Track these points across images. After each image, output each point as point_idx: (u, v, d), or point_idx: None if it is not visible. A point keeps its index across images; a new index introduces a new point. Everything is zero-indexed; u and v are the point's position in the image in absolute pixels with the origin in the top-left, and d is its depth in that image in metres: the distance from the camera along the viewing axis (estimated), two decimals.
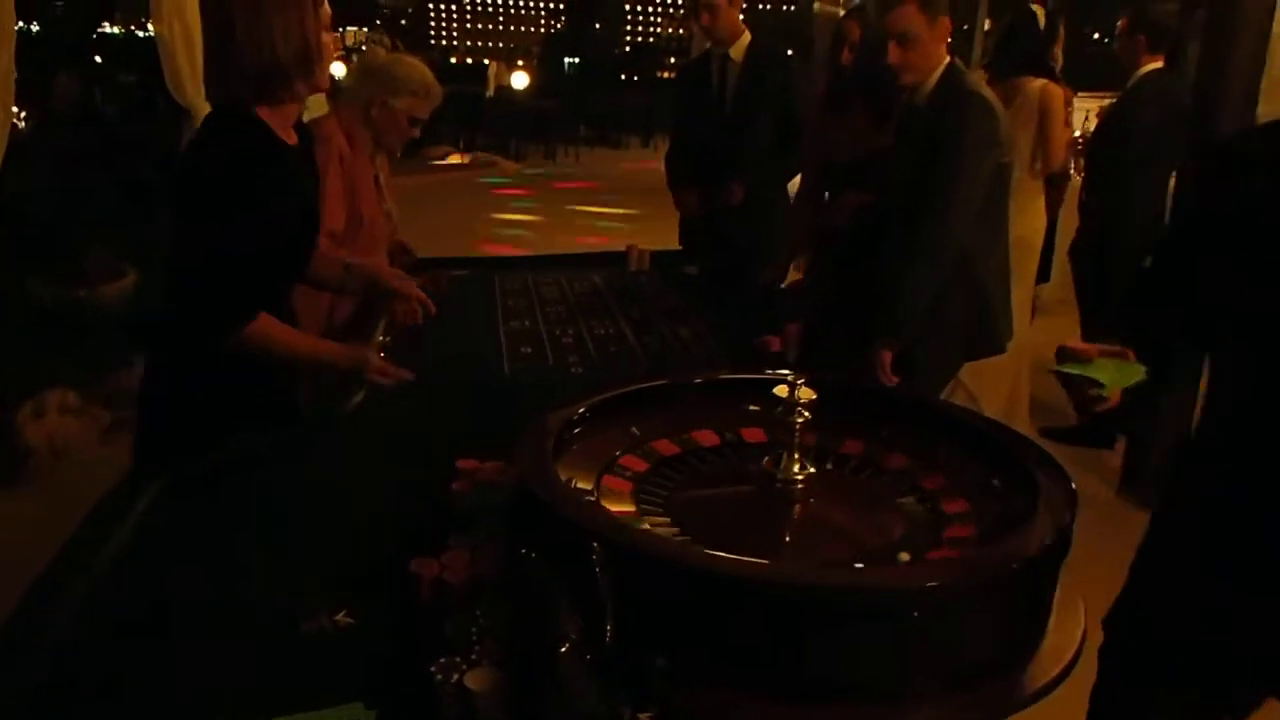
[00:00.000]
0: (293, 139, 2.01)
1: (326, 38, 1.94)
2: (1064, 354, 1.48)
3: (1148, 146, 4.12)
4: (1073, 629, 1.30)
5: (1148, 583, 1.62)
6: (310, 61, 1.90)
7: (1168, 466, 1.59)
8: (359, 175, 2.69)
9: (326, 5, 1.97)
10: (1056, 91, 4.10)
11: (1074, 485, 1.36)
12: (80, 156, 6.58)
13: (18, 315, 4.54)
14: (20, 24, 3.31)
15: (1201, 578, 1.50)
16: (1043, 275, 4.58)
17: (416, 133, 2.79)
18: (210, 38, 1.91)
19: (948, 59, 2.60)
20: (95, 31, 18.10)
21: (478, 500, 1.51)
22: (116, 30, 22.25)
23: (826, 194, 3.10)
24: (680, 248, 3.80)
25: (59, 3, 17.91)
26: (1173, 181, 4.05)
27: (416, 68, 2.75)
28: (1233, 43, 3.43)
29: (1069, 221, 4.93)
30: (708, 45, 3.77)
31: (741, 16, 3.67)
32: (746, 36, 3.57)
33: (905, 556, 1.30)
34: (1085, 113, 7.62)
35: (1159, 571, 1.60)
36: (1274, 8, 3.34)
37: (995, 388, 4.01)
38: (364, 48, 2.81)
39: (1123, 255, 4.27)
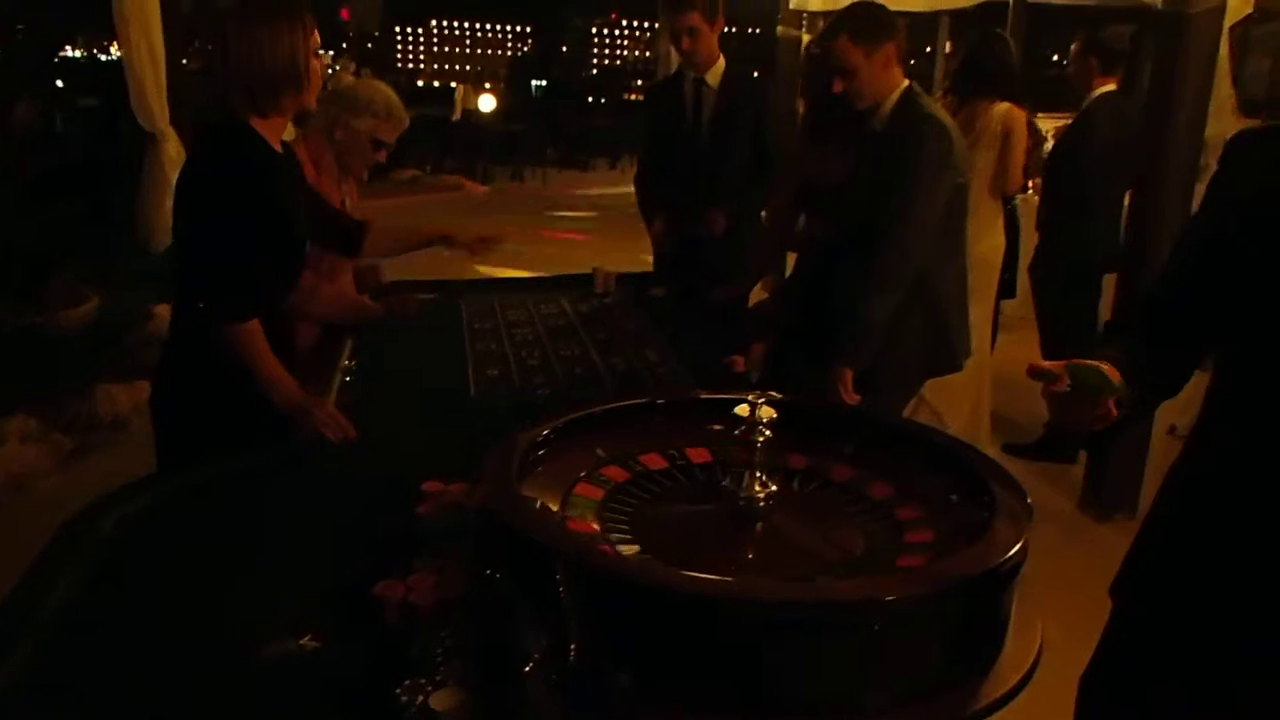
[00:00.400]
0: (279, 149, 2.17)
1: (315, 62, 2.10)
2: (1035, 372, 1.45)
3: (1103, 166, 4.21)
4: (1030, 640, 1.32)
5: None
6: (298, 79, 2.07)
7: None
8: (325, 200, 2.69)
9: (316, 34, 2.11)
10: (1020, 115, 4.18)
11: (1030, 499, 1.39)
12: (40, 181, 6.52)
13: None
14: None
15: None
16: (1007, 292, 4.64)
17: (382, 157, 2.80)
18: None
19: (905, 83, 2.65)
20: (57, 55, 17.94)
21: (443, 522, 1.52)
22: (79, 54, 22.07)
23: (802, 218, 3.14)
24: (653, 269, 3.78)
25: (20, 26, 17.75)
26: (1128, 199, 4.14)
27: (380, 90, 2.77)
28: (1182, 66, 3.51)
29: (1031, 238, 5.02)
30: (676, 68, 3.74)
31: None
32: (722, 62, 3.54)
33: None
34: (1044, 133, 7.75)
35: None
36: (1221, 32, 3.43)
37: (958, 404, 4.06)
38: (330, 72, 2.82)
39: (1080, 272, 4.36)
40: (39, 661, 1.29)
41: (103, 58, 19.97)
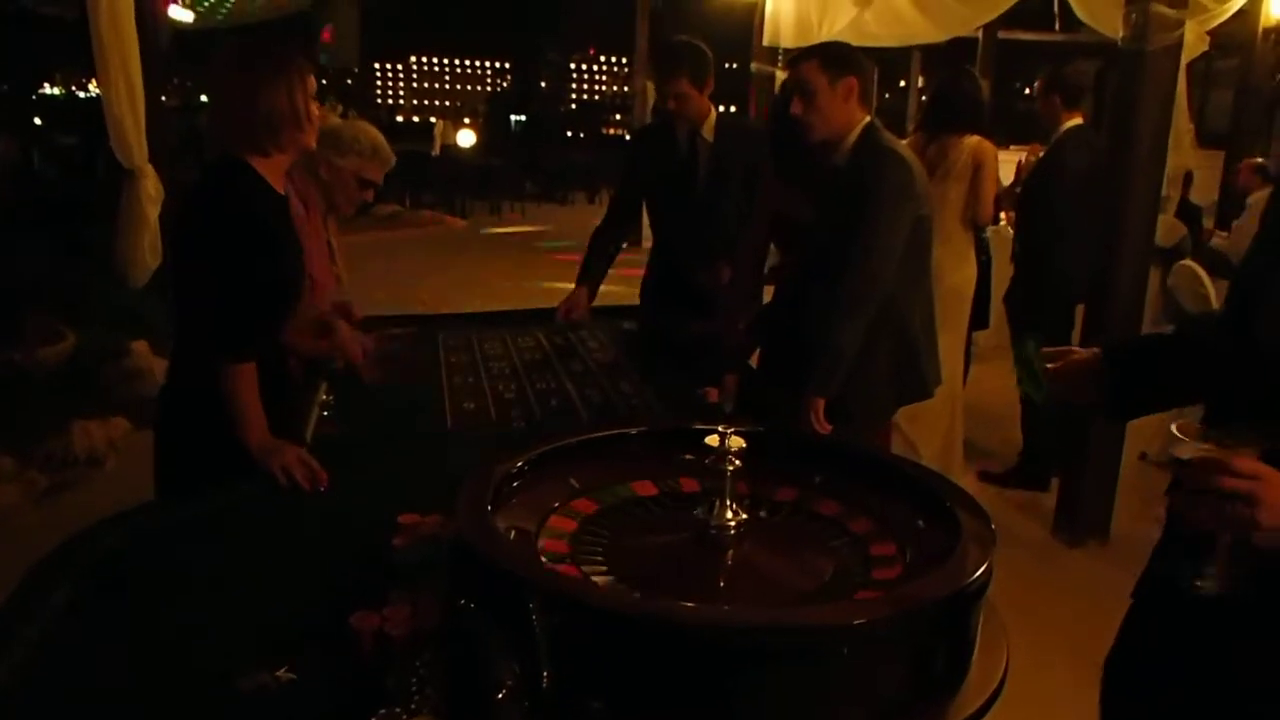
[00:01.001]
0: (281, 189, 2.23)
1: (313, 105, 2.18)
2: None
3: (1074, 198, 4.30)
4: (996, 662, 1.35)
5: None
6: (296, 120, 2.14)
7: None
8: (311, 238, 2.71)
9: (313, 79, 2.19)
10: (989, 147, 4.27)
11: (994, 524, 1.42)
12: (17, 218, 6.51)
13: None
14: None
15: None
16: (980, 323, 4.71)
17: (369, 195, 2.82)
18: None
19: (867, 119, 2.70)
20: (35, 93, 17.94)
21: (419, 554, 1.53)
22: (57, 91, 22.06)
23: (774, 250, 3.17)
24: (640, 303, 3.76)
25: None
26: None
27: (365, 130, 2.80)
28: (1141, 101, 3.60)
29: (1005, 270, 5.10)
30: (652, 110, 3.68)
31: None
32: (714, 114, 3.50)
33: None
34: (1015, 165, 7.89)
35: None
36: (1178, 68, 3.52)
37: (931, 432, 4.11)
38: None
39: (1053, 302, 4.43)
40: (12, 691, 1.30)
41: (81, 95, 19.97)
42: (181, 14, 9.34)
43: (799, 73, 2.66)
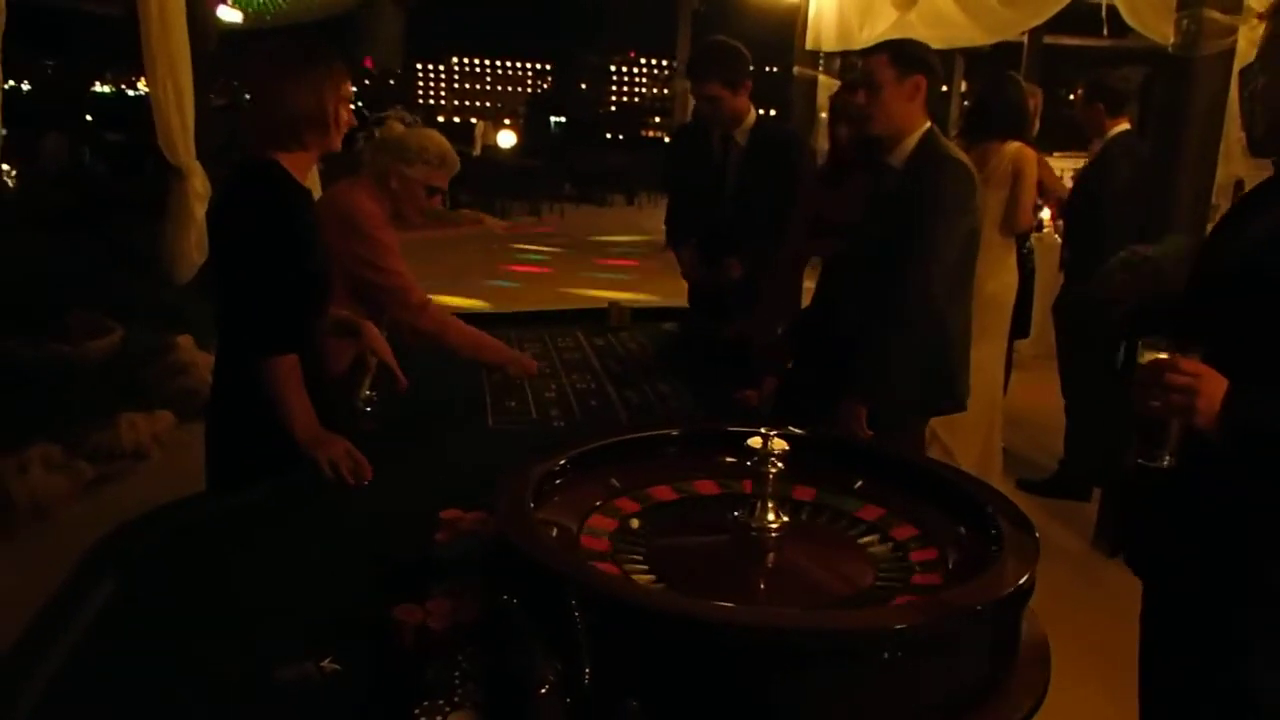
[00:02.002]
0: (307, 184, 2.27)
1: (344, 109, 2.22)
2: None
3: (1120, 206, 4.23)
4: (1038, 674, 1.34)
5: None
6: (324, 124, 2.18)
7: None
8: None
9: (349, 84, 2.24)
10: (1030, 154, 4.22)
11: (1037, 532, 1.41)
12: (68, 214, 6.63)
13: (2, 371, 4.56)
14: (10, 83, 3.39)
15: None
16: (1021, 331, 4.66)
17: (436, 202, 2.82)
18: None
19: (927, 124, 2.66)
20: (87, 91, 18.27)
21: (460, 549, 1.55)
22: (107, 89, 22.46)
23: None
24: (688, 298, 3.81)
25: (49, 63, 18.12)
26: None
27: (432, 138, 2.80)
28: (1189, 109, 3.54)
29: (1052, 277, 5.05)
30: (693, 113, 3.73)
31: None
32: (752, 116, 3.50)
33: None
34: (1060, 173, 7.81)
35: None
36: (1230, 75, 3.46)
37: (969, 442, 4.07)
38: (382, 117, 2.81)
39: (1103, 311, 4.36)
40: (62, 681, 1.33)
41: (130, 93, 20.31)
42: (230, 14, 9.48)
43: (867, 65, 2.64)
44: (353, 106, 2.29)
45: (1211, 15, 3.38)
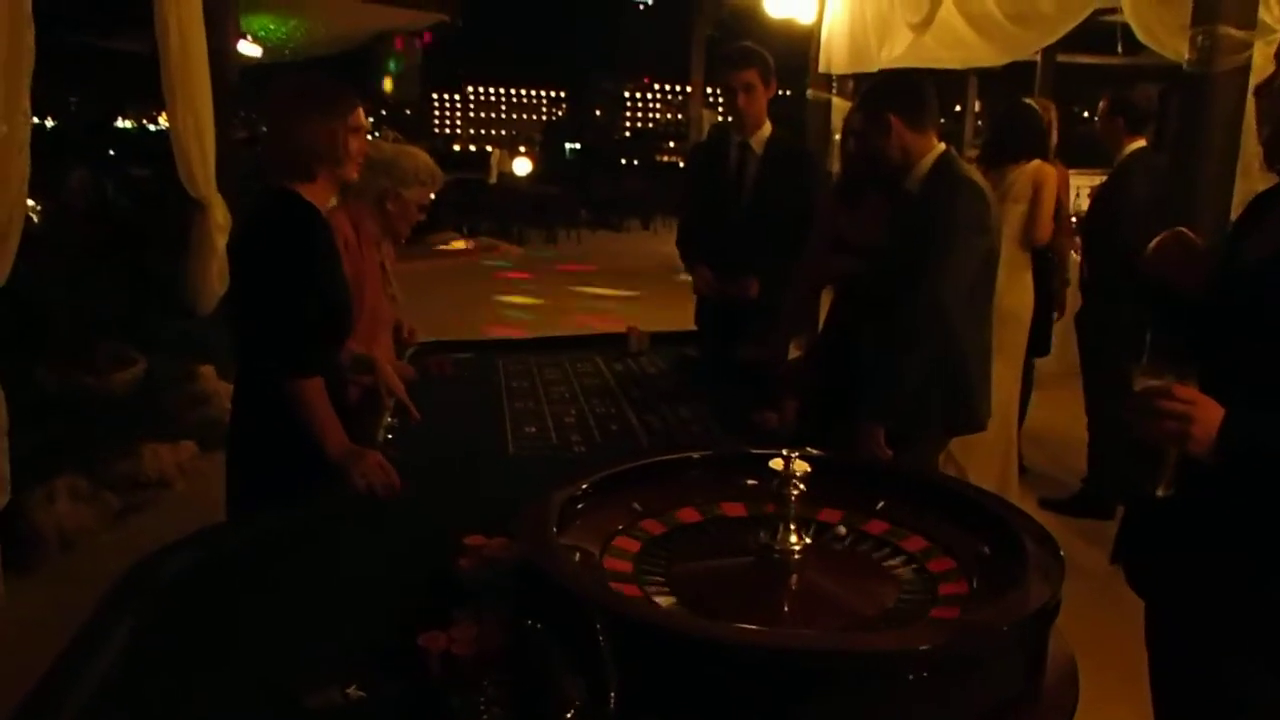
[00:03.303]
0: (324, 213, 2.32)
1: (354, 140, 2.27)
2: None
3: (1139, 222, 4.22)
4: (1067, 695, 1.33)
5: None
6: (333, 157, 2.23)
7: None
8: (364, 264, 2.78)
9: (361, 114, 2.31)
10: (1050, 170, 4.23)
11: (1061, 551, 1.41)
12: (92, 248, 6.70)
13: (28, 403, 4.61)
14: (35, 119, 3.46)
15: None
16: (1042, 349, 4.64)
17: (423, 216, 2.93)
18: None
19: (941, 146, 2.68)
20: (108, 126, 18.53)
21: (484, 575, 1.55)
22: (129, 124, 22.77)
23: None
24: (695, 327, 3.80)
25: (72, 98, 18.39)
26: None
27: (419, 156, 2.89)
28: (1206, 125, 3.53)
29: (1070, 295, 5.03)
30: (708, 132, 3.76)
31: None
32: (768, 127, 3.55)
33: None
34: (1076, 190, 7.78)
35: None
36: (1246, 91, 3.45)
37: (986, 462, 4.04)
38: (370, 138, 2.88)
39: (1123, 328, 4.34)
40: (91, 714, 1.34)
41: (152, 128, 20.59)
42: (250, 49, 9.62)
43: (878, 122, 2.68)
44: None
45: (1227, 31, 3.38)
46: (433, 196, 2.94)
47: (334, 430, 2.14)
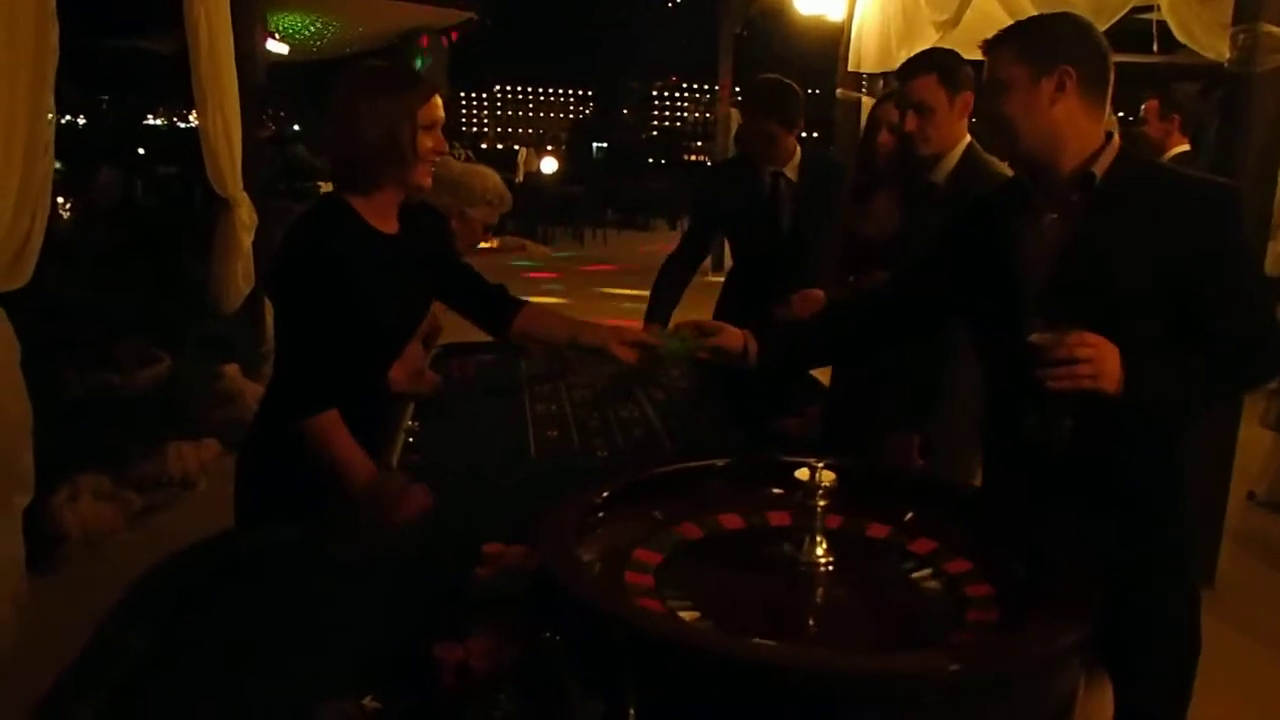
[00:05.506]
0: (391, 228, 2.07)
1: (424, 138, 1.98)
2: None
3: None
4: (1101, 712, 1.29)
5: None
6: (398, 156, 1.96)
7: None
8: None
9: (439, 106, 2.02)
10: None
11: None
12: (120, 247, 6.75)
13: (52, 402, 4.63)
14: (66, 118, 3.46)
15: None
16: None
17: (488, 236, 2.85)
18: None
19: (968, 139, 2.60)
20: (139, 125, 18.71)
21: (502, 585, 1.52)
22: (159, 122, 22.97)
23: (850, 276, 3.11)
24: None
25: (104, 97, 18.58)
26: None
27: (490, 178, 2.82)
28: (1247, 125, 3.47)
29: None
30: (735, 136, 3.64)
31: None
32: (798, 153, 3.40)
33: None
34: None
35: None
36: None
37: None
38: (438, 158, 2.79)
39: None
40: (108, 714, 1.32)
41: (181, 125, 20.78)
42: (277, 47, 9.67)
43: (915, 90, 2.55)
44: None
45: (1268, 29, 3.31)
46: (497, 218, 2.85)
47: (359, 464, 1.97)
